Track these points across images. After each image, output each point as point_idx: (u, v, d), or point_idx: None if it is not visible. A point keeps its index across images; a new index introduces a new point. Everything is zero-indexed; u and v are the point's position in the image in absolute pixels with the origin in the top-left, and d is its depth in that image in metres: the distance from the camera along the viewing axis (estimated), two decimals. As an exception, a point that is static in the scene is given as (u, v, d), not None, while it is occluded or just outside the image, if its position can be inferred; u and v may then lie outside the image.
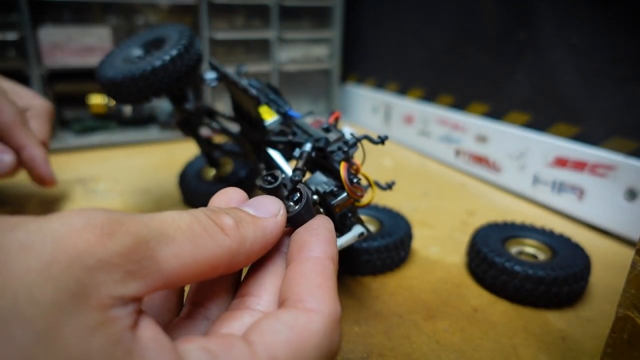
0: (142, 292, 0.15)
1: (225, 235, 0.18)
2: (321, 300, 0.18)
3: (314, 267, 0.19)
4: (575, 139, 0.50)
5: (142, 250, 0.15)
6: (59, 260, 0.13)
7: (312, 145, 0.29)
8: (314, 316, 0.17)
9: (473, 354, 0.29)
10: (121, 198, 0.52)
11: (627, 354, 0.23)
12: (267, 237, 0.20)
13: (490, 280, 0.35)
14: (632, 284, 0.22)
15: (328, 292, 0.18)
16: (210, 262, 0.17)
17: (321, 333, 0.17)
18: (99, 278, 0.13)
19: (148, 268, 0.15)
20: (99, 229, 0.14)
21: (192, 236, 0.17)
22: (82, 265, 0.13)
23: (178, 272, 0.16)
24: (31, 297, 0.12)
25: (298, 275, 0.19)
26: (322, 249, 0.20)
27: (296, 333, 0.16)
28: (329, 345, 0.17)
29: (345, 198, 0.27)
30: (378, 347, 0.29)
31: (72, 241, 0.13)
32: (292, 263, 0.20)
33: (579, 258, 0.34)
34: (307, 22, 0.82)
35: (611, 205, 0.45)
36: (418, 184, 0.59)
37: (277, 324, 0.17)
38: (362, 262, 0.36)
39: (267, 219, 0.20)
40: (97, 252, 0.14)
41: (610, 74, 0.46)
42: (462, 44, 0.64)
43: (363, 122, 0.87)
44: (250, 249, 0.19)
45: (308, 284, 0.18)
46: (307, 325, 0.17)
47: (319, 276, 0.19)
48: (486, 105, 0.62)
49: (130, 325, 0.14)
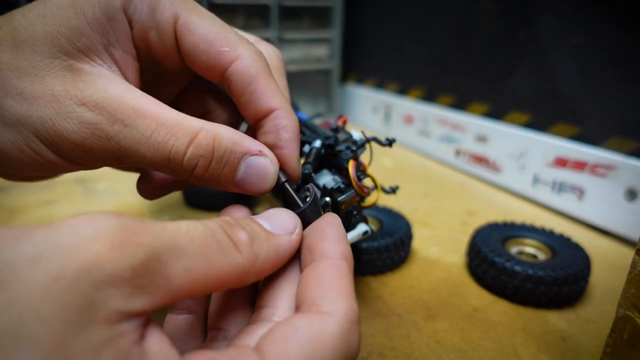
0: (149, 307, 0.14)
1: (238, 252, 0.17)
2: (335, 302, 0.17)
3: (327, 269, 0.19)
4: (575, 139, 0.50)
5: (153, 265, 0.14)
6: (67, 275, 0.12)
7: (322, 142, 0.30)
8: (328, 319, 0.17)
9: (473, 354, 0.29)
10: (121, 198, 0.52)
11: (627, 354, 0.23)
12: (280, 256, 0.19)
13: (490, 280, 0.35)
14: (632, 284, 0.22)
15: (342, 293, 0.18)
16: (220, 278, 0.17)
17: (337, 336, 0.16)
18: (107, 292, 0.13)
19: (157, 284, 0.14)
20: (109, 240, 0.13)
21: (205, 250, 0.16)
22: (91, 279, 0.13)
23: (187, 286, 0.15)
24: (38, 315, 0.12)
25: (312, 279, 0.19)
26: (333, 248, 0.20)
27: (309, 338, 0.16)
28: (346, 347, 0.17)
29: (352, 195, 0.27)
30: (378, 347, 0.29)
31: (81, 253, 0.13)
32: (306, 268, 0.20)
33: (579, 258, 0.34)
34: (307, 22, 0.82)
35: (611, 205, 0.45)
36: (418, 184, 0.59)
37: (289, 330, 0.16)
38: (362, 262, 0.36)
39: (282, 237, 0.20)
40: (107, 265, 0.13)
41: (610, 74, 0.46)
42: (462, 43, 0.64)
43: (363, 122, 0.87)
44: (261, 267, 0.18)
45: (321, 286, 0.18)
46: (321, 329, 0.16)
47: (333, 277, 0.18)
48: (486, 105, 0.62)
49: (137, 339, 0.14)
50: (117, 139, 0.20)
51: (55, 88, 0.20)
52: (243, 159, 0.21)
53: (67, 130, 0.20)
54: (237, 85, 0.23)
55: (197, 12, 0.23)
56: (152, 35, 0.22)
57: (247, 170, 0.22)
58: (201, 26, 0.22)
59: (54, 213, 0.47)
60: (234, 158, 0.21)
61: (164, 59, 0.24)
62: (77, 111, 0.20)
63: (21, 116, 0.20)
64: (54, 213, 0.47)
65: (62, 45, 0.20)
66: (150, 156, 0.20)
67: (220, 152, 0.21)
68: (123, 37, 0.22)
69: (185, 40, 0.22)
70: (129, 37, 0.22)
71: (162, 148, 0.20)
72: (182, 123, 0.20)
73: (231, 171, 0.21)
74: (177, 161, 0.20)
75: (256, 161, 0.22)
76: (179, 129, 0.20)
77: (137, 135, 0.20)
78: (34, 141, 0.20)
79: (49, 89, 0.20)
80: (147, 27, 0.22)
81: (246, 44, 0.23)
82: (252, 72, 0.23)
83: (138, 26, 0.22)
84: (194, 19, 0.22)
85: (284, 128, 0.23)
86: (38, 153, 0.21)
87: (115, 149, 0.20)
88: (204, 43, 0.22)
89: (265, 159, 0.22)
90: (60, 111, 0.20)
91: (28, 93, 0.20)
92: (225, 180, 0.22)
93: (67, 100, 0.20)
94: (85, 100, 0.20)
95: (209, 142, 0.20)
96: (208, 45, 0.22)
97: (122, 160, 0.21)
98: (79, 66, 0.21)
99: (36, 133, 0.20)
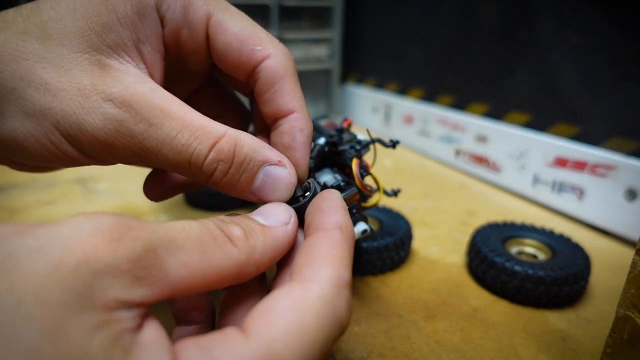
0: (149, 299, 0.15)
1: (234, 247, 0.17)
2: (320, 268, 0.17)
3: (318, 239, 0.19)
4: (575, 139, 0.50)
5: (150, 257, 0.15)
6: (67, 264, 0.13)
7: (326, 140, 0.30)
8: (310, 285, 0.16)
9: (473, 354, 0.29)
10: (121, 198, 0.52)
11: (627, 354, 0.23)
12: (277, 247, 0.19)
13: (490, 280, 0.35)
14: (632, 284, 0.22)
15: (330, 260, 0.17)
16: (218, 273, 0.17)
17: (320, 301, 0.16)
18: (106, 282, 0.14)
19: (155, 276, 0.15)
20: (107, 234, 0.14)
21: (201, 245, 0.16)
22: (90, 269, 0.13)
23: (185, 281, 0.16)
24: (37, 297, 0.12)
25: (302, 252, 0.18)
26: (327, 220, 0.20)
27: (291, 306, 0.15)
28: (333, 312, 0.16)
29: (353, 193, 0.27)
30: (378, 347, 0.29)
31: (80, 246, 0.13)
32: (301, 244, 0.20)
33: (579, 258, 0.34)
34: (307, 22, 0.82)
35: (611, 205, 0.45)
36: (418, 184, 0.59)
37: (270, 302, 0.16)
38: (362, 262, 0.36)
39: (277, 228, 0.20)
40: (105, 257, 0.14)
41: (610, 74, 0.46)
42: (462, 43, 0.64)
43: (363, 122, 0.87)
44: (259, 260, 0.18)
45: (309, 256, 0.18)
46: (303, 295, 0.16)
47: (323, 247, 0.18)
48: (486, 105, 0.62)
49: (133, 328, 0.14)
50: (141, 138, 0.20)
51: (82, 82, 0.20)
52: (262, 168, 0.22)
53: (91, 125, 0.20)
54: (264, 82, 0.24)
55: (229, 10, 0.23)
56: (184, 33, 0.23)
57: (265, 179, 0.22)
58: (234, 25, 0.23)
59: (54, 213, 0.47)
60: (253, 166, 0.21)
61: (191, 57, 0.24)
62: (104, 107, 0.20)
63: (43, 107, 0.20)
64: (54, 213, 0.47)
65: (91, 41, 0.20)
66: (172, 157, 0.20)
67: (240, 158, 0.21)
68: (153, 34, 0.22)
69: (218, 39, 0.23)
70: (159, 35, 0.22)
71: (184, 151, 0.20)
72: (206, 127, 0.20)
73: (249, 179, 0.21)
74: (197, 165, 0.20)
75: (275, 171, 0.22)
76: (203, 132, 0.20)
77: (161, 136, 0.20)
78: (54, 134, 0.20)
79: (76, 82, 0.20)
80: (179, 25, 0.22)
81: (277, 43, 0.24)
82: (281, 71, 0.23)
83: (171, 24, 0.22)
84: (227, 17, 0.23)
85: (300, 131, 0.24)
86: (57, 146, 0.21)
87: (138, 148, 0.20)
88: (237, 41, 0.23)
89: (284, 170, 0.22)
90: (85, 105, 0.20)
91: (53, 85, 0.20)
92: (242, 187, 0.22)
93: (94, 95, 0.20)
94: (113, 97, 0.20)
95: (230, 148, 0.20)
96: (241, 43, 0.23)
97: (142, 159, 0.21)
98: (107, 62, 0.21)
99: (57, 126, 0.20)
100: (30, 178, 0.57)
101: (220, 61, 0.24)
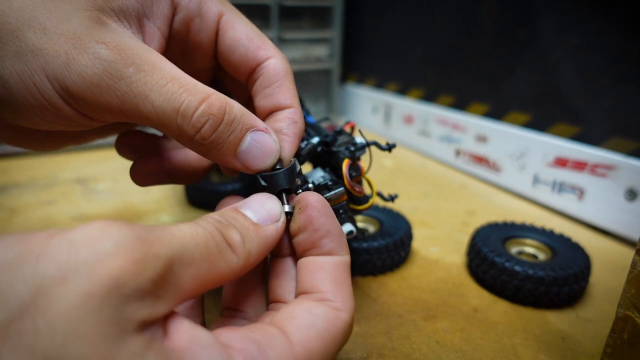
0: (165, 313, 0.15)
1: (233, 254, 0.18)
2: (345, 300, 0.20)
3: (325, 264, 0.21)
4: (575, 139, 0.50)
5: (168, 275, 0.15)
6: (97, 292, 0.13)
7: (320, 139, 0.30)
8: (341, 315, 0.19)
9: (473, 354, 0.29)
10: (121, 198, 0.52)
11: (627, 354, 0.23)
12: (269, 246, 0.21)
13: (490, 280, 0.35)
14: (632, 284, 0.22)
15: (349, 290, 0.20)
16: (218, 280, 0.18)
17: (344, 330, 0.19)
18: (134, 305, 0.14)
19: (172, 292, 0.15)
20: (129, 254, 0.14)
21: (207, 255, 0.17)
22: (119, 295, 0.13)
23: (193, 290, 0.16)
24: (79, 335, 0.12)
25: (315, 270, 0.21)
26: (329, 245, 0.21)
27: (326, 329, 0.18)
28: (346, 339, 0.20)
29: (340, 192, 0.27)
30: (378, 347, 0.29)
31: (105, 270, 0.13)
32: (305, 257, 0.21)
33: (579, 258, 0.34)
34: (307, 22, 0.82)
35: (611, 205, 0.45)
36: (418, 184, 0.59)
37: (311, 318, 0.18)
38: (362, 262, 0.36)
39: (269, 228, 0.21)
40: (132, 280, 0.14)
41: (610, 74, 0.46)
42: (462, 43, 0.64)
43: (363, 122, 0.87)
44: (253, 263, 0.20)
45: (328, 279, 0.20)
46: (336, 322, 0.19)
47: (337, 271, 0.21)
48: (486, 105, 0.62)
49: (163, 337, 0.15)
50: (129, 81, 0.20)
51: (78, 29, 0.20)
52: (249, 132, 0.22)
53: (79, 63, 0.20)
54: (267, 78, 0.26)
55: (239, 14, 0.26)
56: (196, 23, 0.25)
57: (252, 143, 0.22)
58: (243, 25, 0.26)
59: (54, 213, 0.47)
60: (242, 128, 0.22)
61: (196, 52, 0.26)
62: (95, 47, 0.20)
63: (35, 47, 0.20)
64: (54, 213, 0.47)
65: (97, 2, 0.21)
66: (159, 104, 0.20)
67: (231, 117, 0.21)
68: (160, 13, 0.23)
69: (227, 35, 0.26)
70: (166, 17, 0.24)
71: (174, 99, 0.20)
72: (196, 84, 0.21)
73: (236, 140, 0.22)
74: (186, 115, 0.20)
75: (262, 137, 0.22)
76: (193, 87, 0.21)
77: (150, 82, 0.20)
78: (39, 74, 0.20)
79: (72, 29, 0.20)
80: (192, 15, 0.25)
81: (277, 48, 0.27)
82: (282, 71, 0.26)
83: (185, 12, 0.24)
84: (237, 19, 0.26)
85: (294, 123, 0.25)
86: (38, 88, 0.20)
87: (124, 92, 0.20)
88: (245, 38, 0.26)
89: (270, 137, 0.23)
90: (77, 45, 0.20)
91: (51, 29, 0.20)
92: (228, 148, 0.22)
93: (87, 37, 0.20)
94: (106, 40, 0.20)
95: (222, 105, 0.21)
96: (248, 42, 0.26)
97: (126, 106, 0.21)
98: (106, 20, 0.21)
99: (45, 66, 0.20)
100: (30, 178, 0.57)
101: (225, 56, 0.26)
